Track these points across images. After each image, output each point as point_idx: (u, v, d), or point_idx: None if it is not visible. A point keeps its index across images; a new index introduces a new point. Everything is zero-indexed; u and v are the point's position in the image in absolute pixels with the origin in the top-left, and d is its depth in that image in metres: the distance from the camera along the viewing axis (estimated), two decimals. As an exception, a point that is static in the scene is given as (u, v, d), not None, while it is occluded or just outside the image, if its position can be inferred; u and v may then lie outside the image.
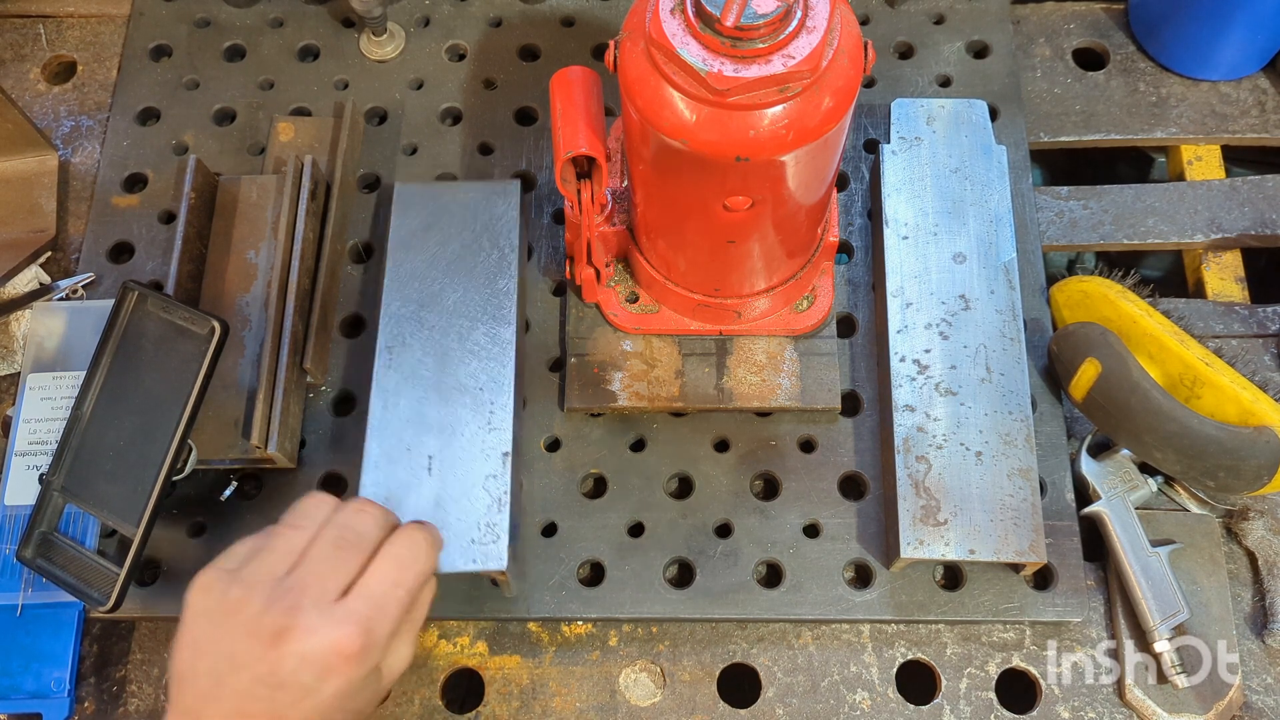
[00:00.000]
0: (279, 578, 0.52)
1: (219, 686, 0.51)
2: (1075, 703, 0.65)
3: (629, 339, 0.72)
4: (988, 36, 0.83)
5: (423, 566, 0.56)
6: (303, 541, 0.54)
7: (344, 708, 0.52)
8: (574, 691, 0.66)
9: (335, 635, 0.51)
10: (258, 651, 0.50)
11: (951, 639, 0.67)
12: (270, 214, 0.75)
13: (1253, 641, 0.67)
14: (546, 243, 0.77)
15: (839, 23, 0.53)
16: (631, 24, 0.55)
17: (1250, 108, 0.82)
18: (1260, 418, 0.62)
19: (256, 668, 0.50)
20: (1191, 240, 0.78)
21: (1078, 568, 0.67)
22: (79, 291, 0.76)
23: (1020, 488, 0.65)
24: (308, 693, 0.50)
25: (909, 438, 0.66)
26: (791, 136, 0.52)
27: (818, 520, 0.69)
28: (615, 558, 0.68)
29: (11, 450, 0.71)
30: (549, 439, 0.71)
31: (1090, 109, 0.83)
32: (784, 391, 0.70)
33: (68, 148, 0.83)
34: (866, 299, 0.75)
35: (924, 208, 0.73)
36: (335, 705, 0.52)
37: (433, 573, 0.58)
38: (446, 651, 0.67)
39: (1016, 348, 0.69)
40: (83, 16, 0.89)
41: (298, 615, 0.51)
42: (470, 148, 0.81)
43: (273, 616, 0.51)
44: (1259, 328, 0.75)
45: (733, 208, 0.58)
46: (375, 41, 0.84)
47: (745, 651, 0.67)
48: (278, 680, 0.50)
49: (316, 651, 0.50)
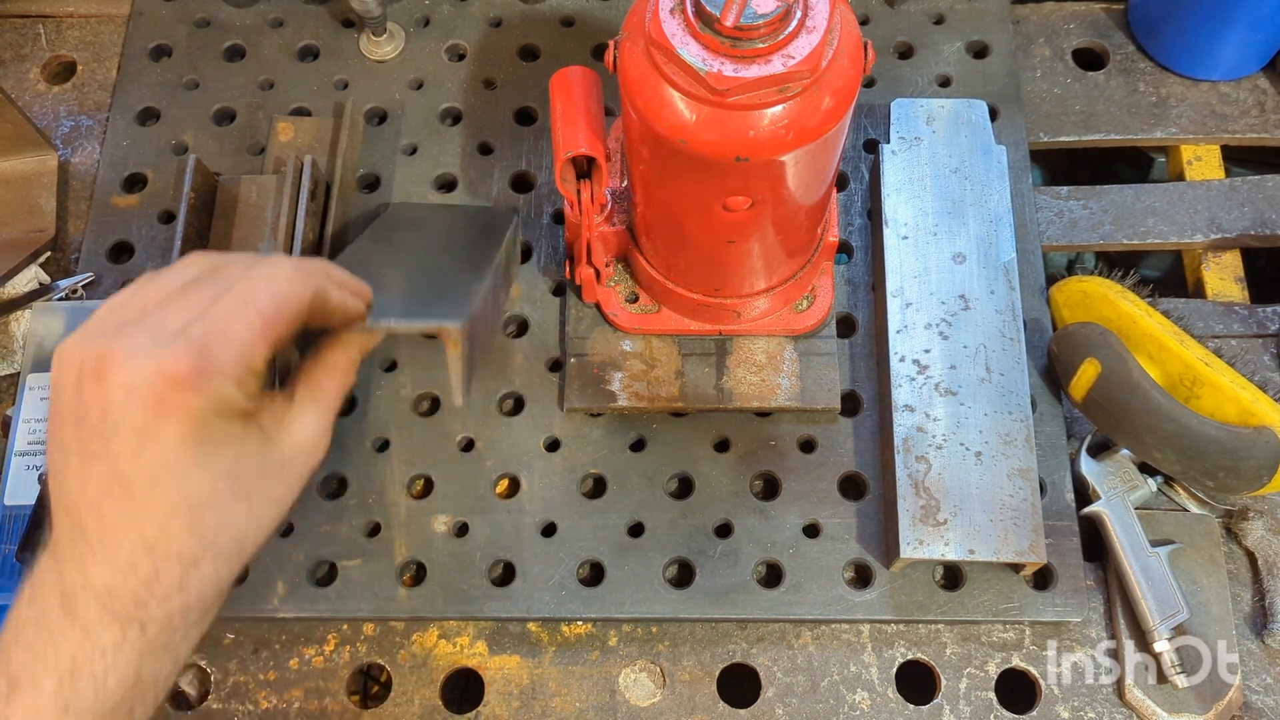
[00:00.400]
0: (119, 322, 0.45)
1: (62, 452, 0.44)
2: (1075, 703, 0.65)
3: (629, 339, 0.72)
4: (988, 36, 0.83)
5: (285, 286, 0.46)
6: (156, 289, 0.47)
7: (206, 466, 0.44)
8: (574, 691, 0.66)
9: (161, 357, 0.42)
10: (88, 392, 0.43)
11: (951, 639, 0.67)
12: (270, 214, 0.75)
13: (1252, 641, 0.67)
14: (546, 243, 0.77)
15: (839, 23, 0.53)
16: (631, 24, 0.55)
17: (1250, 108, 0.82)
18: (1260, 418, 0.62)
19: (87, 413, 0.43)
20: (1191, 240, 0.78)
21: (1077, 568, 0.67)
22: (79, 291, 0.76)
23: (1020, 488, 0.65)
24: (144, 437, 0.42)
25: (909, 438, 0.66)
26: (791, 136, 0.52)
27: (818, 520, 0.69)
28: (615, 558, 0.68)
29: (11, 450, 0.71)
30: (549, 439, 0.71)
31: (1090, 109, 0.83)
32: (784, 391, 0.70)
33: (67, 148, 0.83)
34: (866, 299, 0.75)
35: (924, 208, 0.73)
36: (190, 460, 0.43)
37: (303, 297, 0.47)
38: (446, 651, 0.67)
39: (1016, 348, 0.69)
40: (83, 16, 0.89)
41: (120, 341, 0.43)
42: (470, 148, 0.81)
43: (95, 351, 0.43)
44: (1259, 328, 0.75)
45: (732, 208, 0.58)
46: (375, 41, 0.84)
47: (745, 651, 0.67)
48: (109, 423, 0.42)
49: (141, 378, 0.42)
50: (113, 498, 0.43)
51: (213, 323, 0.44)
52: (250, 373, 0.45)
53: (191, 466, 0.43)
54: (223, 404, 0.44)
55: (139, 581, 0.43)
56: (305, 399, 0.50)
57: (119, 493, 0.43)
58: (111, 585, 0.43)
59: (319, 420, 0.50)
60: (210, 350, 0.43)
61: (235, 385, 0.44)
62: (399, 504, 0.70)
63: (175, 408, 0.42)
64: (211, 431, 0.44)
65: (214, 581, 0.45)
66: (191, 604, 0.45)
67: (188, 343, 0.43)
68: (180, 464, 0.43)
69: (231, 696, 0.67)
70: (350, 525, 0.69)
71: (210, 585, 0.45)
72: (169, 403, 0.42)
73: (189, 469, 0.43)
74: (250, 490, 0.46)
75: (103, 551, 0.43)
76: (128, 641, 0.43)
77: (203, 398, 0.43)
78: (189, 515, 0.44)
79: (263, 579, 0.68)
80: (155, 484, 0.43)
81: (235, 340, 0.44)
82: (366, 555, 0.68)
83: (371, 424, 0.72)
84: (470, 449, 0.71)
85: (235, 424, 0.45)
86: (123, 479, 0.43)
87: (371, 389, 0.73)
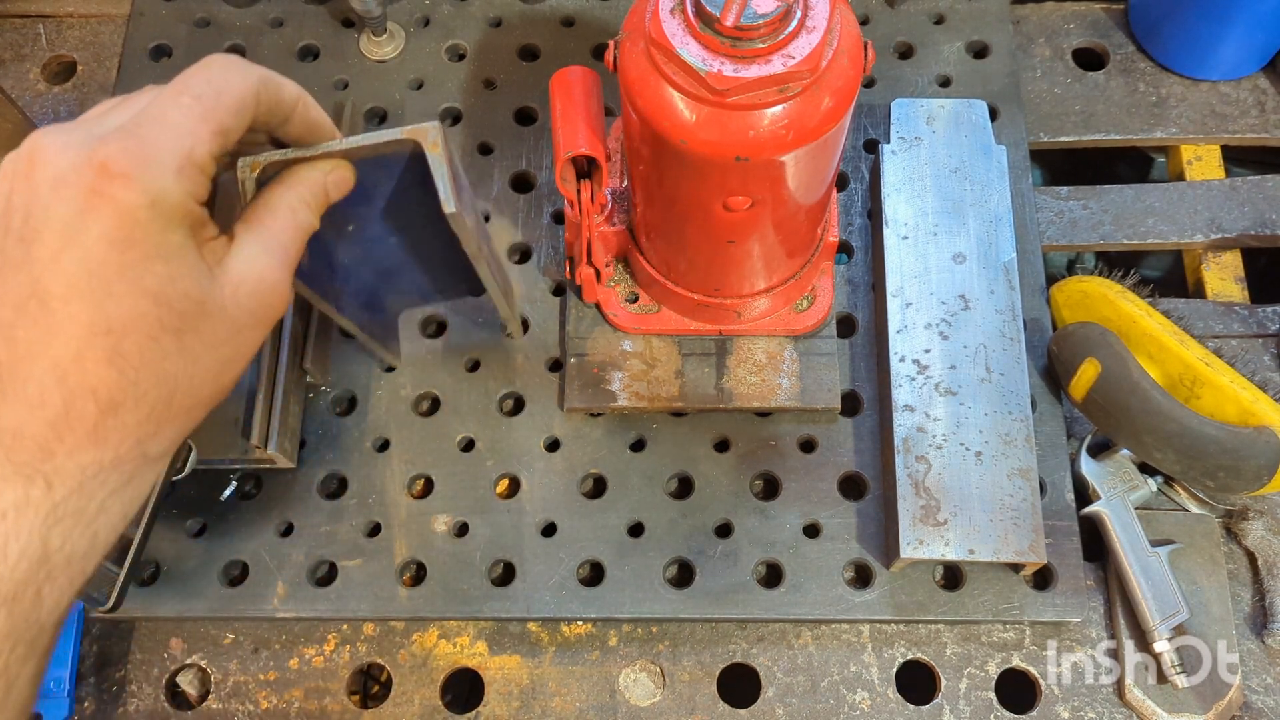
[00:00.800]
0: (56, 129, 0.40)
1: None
2: (1075, 703, 0.65)
3: (629, 339, 0.72)
4: (988, 36, 0.83)
5: (221, 69, 0.42)
6: (100, 105, 0.43)
7: (132, 280, 0.38)
8: (574, 691, 0.66)
9: (92, 145, 0.38)
10: (16, 195, 0.39)
11: (951, 639, 0.67)
12: (270, 214, 0.75)
13: (1252, 641, 0.67)
14: (546, 243, 0.77)
15: (839, 23, 0.52)
16: (631, 24, 0.55)
17: (1250, 108, 0.82)
18: (1260, 418, 0.62)
19: (11, 219, 0.39)
20: (1191, 240, 0.78)
21: (1077, 568, 0.67)
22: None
23: (1020, 488, 0.65)
24: (68, 237, 0.38)
25: (909, 438, 0.67)
26: (791, 136, 0.52)
27: (818, 520, 0.69)
28: (615, 558, 0.68)
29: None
30: (549, 439, 0.71)
31: (1090, 109, 0.83)
32: (784, 391, 0.70)
33: (68, 148, 0.83)
34: (866, 299, 0.75)
35: (924, 208, 0.73)
36: (113, 268, 0.38)
37: (245, 82, 0.43)
38: (446, 651, 0.67)
39: (1016, 348, 0.69)
40: (83, 16, 0.89)
41: (52, 136, 0.39)
42: (470, 148, 0.81)
43: (25, 149, 0.39)
44: (1259, 328, 0.75)
45: (732, 208, 0.58)
46: (375, 41, 0.84)
47: (745, 651, 0.67)
48: (32, 226, 0.38)
49: (70, 167, 0.38)
50: (27, 315, 0.38)
51: (147, 112, 0.40)
52: (192, 164, 0.40)
53: (115, 277, 0.38)
54: (160, 198, 0.39)
55: (46, 422, 0.38)
56: (244, 235, 0.44)
57: (34, 309, 0.38)
58: (16, 425, 0.38)
59: (265, 257, 0.43)
60: (144, 136, 0.39)
61: (175, 176, 0.39)
62: (399, 504, 0.70)
63: (104, 199, 0.38)
64: (144, 233, 0.38)
65: (136, 439, 0.39)
66: (107, 463, 0.39)
67: (120, 130, 0.39)
68: (103, 271, 0.38)
69: (231, 696, 0.67)
70: (350, 525, 0.69)
71: (131, 443, 0.39)
72: (98, 193, 0.38)
73: (112, 280, 0.38)
74: (183, 322, 0.40)
75: (10, 384, 0.38)
76: (31, 502, 0.38)
77: (136, 188, 0.38)
78: (107, 339, 0.38)
79: (263, 579, 0.68)
80: (74, 296, 0.38)
81: (171, 125, 0.40)
82: (366, 555, 0.68)
83: (371, 424, 0.72)
84: (470, 449, 0.71)
85: (172, 231, 0.39)
86: (39, 292, 0.38)
87: (371, 389, 0.73)
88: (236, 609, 0.67)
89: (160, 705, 0.67)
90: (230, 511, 0.70)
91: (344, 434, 0.72)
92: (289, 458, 0.69)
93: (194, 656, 0.68)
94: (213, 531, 0.69)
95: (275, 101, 0.45)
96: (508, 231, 0.78)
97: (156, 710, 0.67)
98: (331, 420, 0.72)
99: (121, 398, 0.39)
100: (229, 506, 0.70)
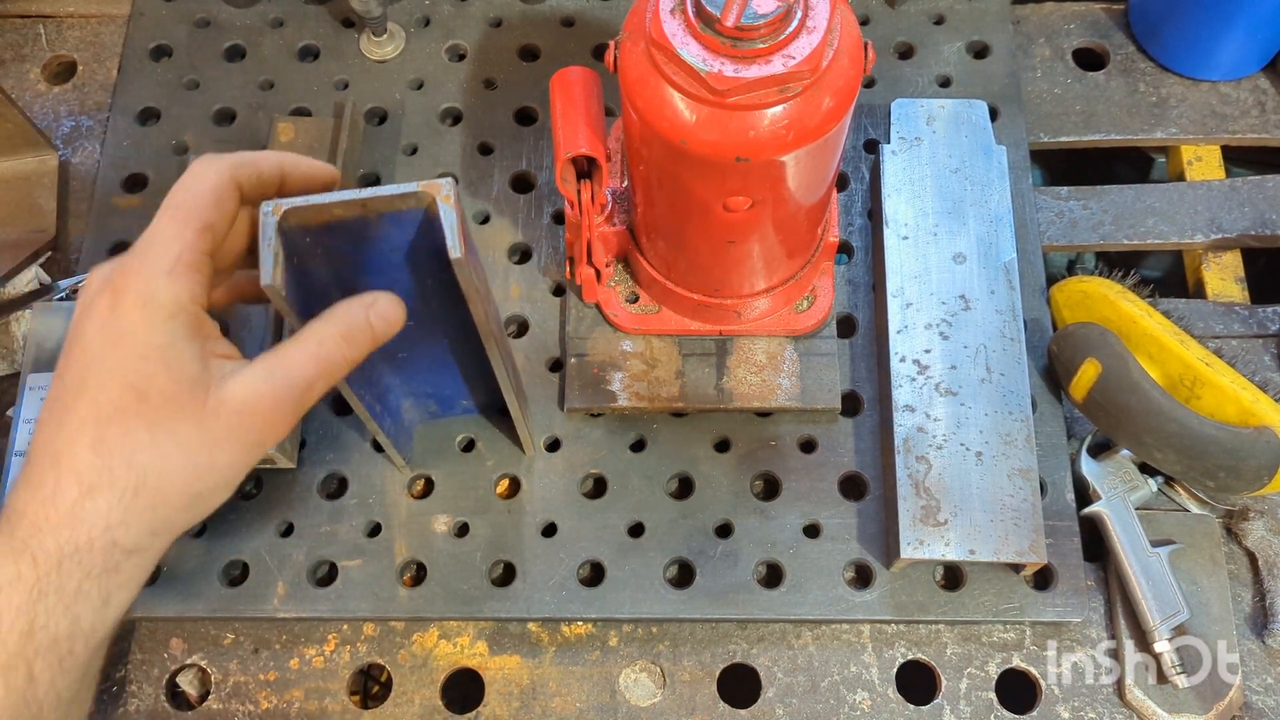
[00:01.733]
0: None
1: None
2: (1075, 703, 0.65)
3: (629, 339, 0.72)
4: (988, 37, 0.83)
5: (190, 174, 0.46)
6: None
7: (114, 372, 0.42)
8: (574, 692, 0.66)
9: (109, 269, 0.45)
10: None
11: (951, 639, 0.67)
12: (270, 214, 0.75)
13: (1253, 641, 0.67)
14: (547, 243, 0.77)
15: (839, 23, 0.53)
16: (631, 24, 0.55)
17: (1250, 108, 0.82)
18: (1260, 418, 0.62)
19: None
20: (1191, 240, 0.78)
21: (1078, 568, 0.67)
22: (79, 291, 0.76)
23: (1020, 488, 0.65)
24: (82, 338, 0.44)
25: (909, 438, 0.67)
26: (791, 137, 0.52)
27: (818, 520, 0.69)
28: (615, 558, 0.68)
29: (12, 450, 0.71)
30: (549, 439, 0.71)
31: (1090, 109, 0.83)
32: (784, 392, 0.70)
33: (68, 148, 0.83)
34: (866, 299, 0.75)
35: (924, 208, 0.73)
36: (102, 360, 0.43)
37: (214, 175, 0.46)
38: (446, 651, 0.67)
39: (1016, 348, 0.69)
40: (83, 16, 0.89)
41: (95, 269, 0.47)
42: (470, 148, 0.81)
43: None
44: (1259, 328, 0.75)
45: (733, 208, 0.58)
46: (375, 41, 0.84)
47: (745, 651, 0.67)
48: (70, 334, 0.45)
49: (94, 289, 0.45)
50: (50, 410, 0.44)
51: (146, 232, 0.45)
52: (181, 264, 0.44)
53: (105, 371, 0.42)
54: (150, 300, 0.43)
55: (40, 501, 0.42)
56: (260, 359, 0.46)
57: (54, 404, 0.44)
58: (21, 506, 0.42)
59: (265, 383, 0.45)
60: (140, 250, 0.44)
61: (165, 279, 0.43)
62: (399, 504, 0.70)
63: (105, 306, 0.43)
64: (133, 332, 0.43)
65: (106, 525, 0.42)
66: (82, 544, 0.42)
67: (128, 251, 0.45)
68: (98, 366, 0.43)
69: (232, 696, 0.67)
70: (350, 525, 0.69)
71: (102, 528, 0.42)
72: (102, 303, 0.43)
73: (103, 374, 0.43)
74: (157, 417, 0.42)
75: (27, 469, 0.43)
76: (21, 577, 0.41)
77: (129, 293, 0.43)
78: (95, 427, 0.42)
79: (263, 579, 0.68)
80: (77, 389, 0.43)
81: (160, 235, 0.44)
82: (367, 555, 0.68)
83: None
84: (470, 449, 0.71)
85: (159, 333, 0.43)
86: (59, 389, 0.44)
87: (372, 389, 0.73)
88: (237, 609, 0.67)
89: (160, 705, 0.67)
90: (230, 511, 0.70)
91: (344, 434, 0.72)
92: (289, 458, 0.69)
93: (194, 657, 0.68)
94: (213, 531, 0.69)
95: (256, 178, 0.48)
96: (508, 232, 0.78)
97: (157, 710, 0.66)
98: (331, 420, 0.72)
99: (97, 481, 0.42)
100: (229, 506, 0.69)
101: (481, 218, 0.78)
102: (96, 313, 0.44)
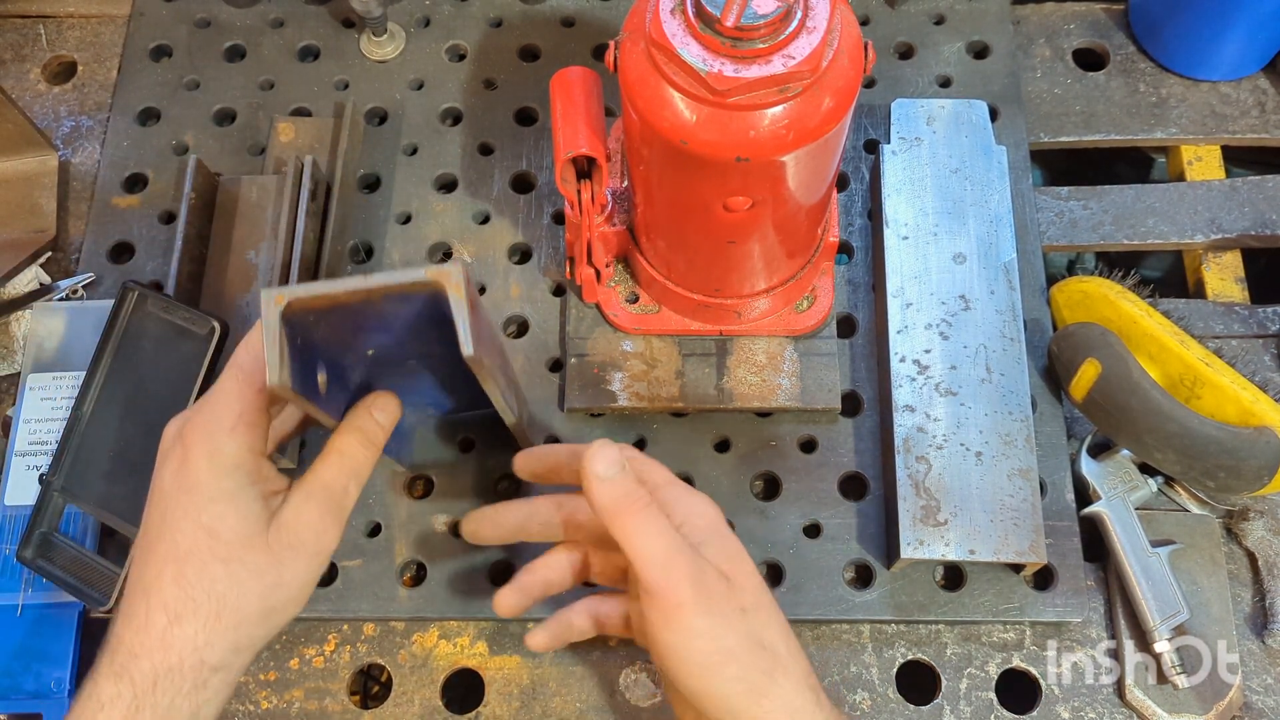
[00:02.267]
0: None
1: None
2: (1075, 703, 0.65)
3: (629, 339, 0.72)
4: (988, 37, 0.83)
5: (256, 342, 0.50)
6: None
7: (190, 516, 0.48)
8: (574, 691, 0.66)
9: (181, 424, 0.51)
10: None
11: (951, 639, 0.67)
12: (270, 214, 0.75)
13: (1253, 641, 0.67)
14: (547, 243, 0.77)
15: (839, 23, 0.53)
16: (631, 24, 0.55)
17: (1250, 108, 0.82)
18: (1260, 418, 0.62)
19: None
20: (1191, 240, 0.78)
21: (1078, 568, 0.67)
22: (79, 291, 0.76)
23: (1020, 488, 0.65)
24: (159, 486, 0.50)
25: (909, 438, 0.67)
26: (791, 137, 0.52)
27: (818, 520, 0.69)
28: (615, 558, 0.68)
29: (11, 450, 0.71)
30: (549, 439, 0.71)
31: (1090, 109, 0.83)
32: (784, 392, 0.70)
33: (68, 148, 0.83)
34: (866, 299, 0.75)
35: (924, 208, 0.73)
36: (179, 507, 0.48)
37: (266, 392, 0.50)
38: (446, 651, 0.67)
39: (1016, 348, 0.69)
40: (83, 16, 0.89)
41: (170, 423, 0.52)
42: (470, 148, 0.81)
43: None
44: (1259, 328, 0.75)
45: (733, 208, 0.58)
46: (375, 42, 0.84)
47: (745, 652, 0.67)
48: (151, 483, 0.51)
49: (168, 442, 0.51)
50: (138, 546, 0.50)
51: (212, 390, 0.51)
52: (244, 422, 0.49)
53: (180, 516, 0.49)
54: (215, 452, 0.49)
55: (135, 630, 0.48)
56: (298, 485, 0.52)
57: (140, 540, 0.50)
58: (121, 634, 0.48)
59: (307, 503, 0.51)
60: (205, 408, 0.50)
61: (228, 435, 0.49)
62: (399, 504, 0.70)
63: (177, 458, 0.49)
64: (202, 481, 0.49)
65: (194, 647, 0.48)
66: (174, 665, 0.47)
67: (194, 408, 0.51)
68: (174, 511, 0.49)
69: (232, 696, 0.66)
70: (350, 525, 0.68)
71: (190, 650, 0.48)
72: (175, 455, 0.49)
73: (179, 518, 0.48)
74: (230, 553, 0.49)
75: (125, 603, 0.49)
76: (121, 696, 0.47)
77: (198, 448, 0.49)
78: (175, 565, 0.48)
79: (263, 579, 0.67)
80: (157, 533, 0.49)
81: (224, 394, 0.50)
82: (367, 555, 0.68)
83: (372, 424, 0.72)
84: (470, 449, 0.71)
85: (226, 480, 0.49)
86: (145, 525, 0.50)
87: (372, 389, 0.73)
88: (237, 609, 0.67)
89: (160, 705, 0.66)
90: (230, 512, 0.69)
91: (344, 434, 0.72)
92: (289, 458, 0.69)
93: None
94: (213, 532, 0.69)
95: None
96: (508, 232, 0.78)
97: None
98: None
99: (182, 610, 0.48)
100: (229, 507, 0.70)
101: (481, 218, 0.78)
102: (170, 464, 0.50)
